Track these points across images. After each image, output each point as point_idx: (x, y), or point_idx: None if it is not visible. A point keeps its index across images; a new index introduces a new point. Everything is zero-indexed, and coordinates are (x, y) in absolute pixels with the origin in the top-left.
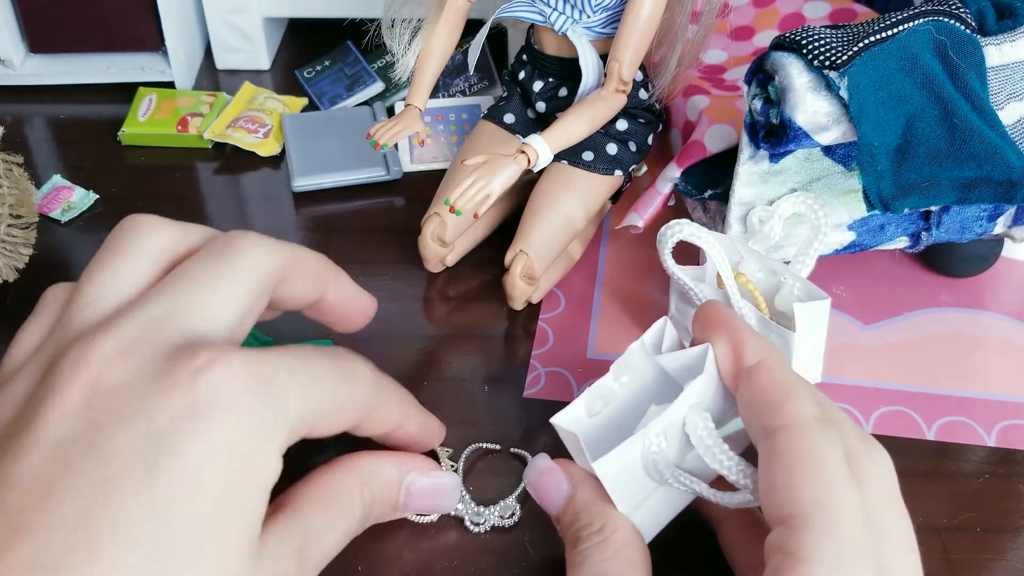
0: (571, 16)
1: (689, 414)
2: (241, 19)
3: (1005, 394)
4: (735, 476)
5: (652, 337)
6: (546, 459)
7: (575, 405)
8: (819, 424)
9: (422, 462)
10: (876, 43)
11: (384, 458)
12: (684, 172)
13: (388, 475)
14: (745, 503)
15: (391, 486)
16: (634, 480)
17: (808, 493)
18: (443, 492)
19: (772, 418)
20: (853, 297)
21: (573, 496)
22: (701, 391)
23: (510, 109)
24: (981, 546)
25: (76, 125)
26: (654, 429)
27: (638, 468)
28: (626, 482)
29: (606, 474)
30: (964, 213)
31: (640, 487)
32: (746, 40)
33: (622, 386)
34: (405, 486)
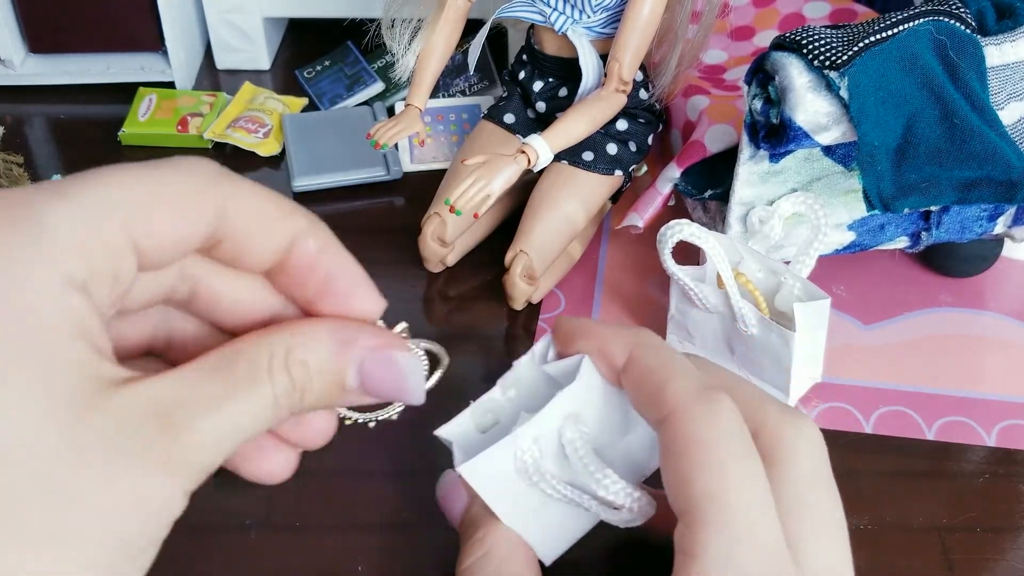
0: (571, 16)
1: (565, 425)
2: (241, 19)
3: (1005, 394)
4: (612, 494)
5: (541, 349)
6: (451, 475)
7: (461, 417)
8: (700, 399)
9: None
10: (876, 43)
11: (319, 322)
12: (684, 172)
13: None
14: (627, 522)
15: (330, 357)
16: (515, 490)
17: (697, 486)
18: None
19: (656, 409)
20: (853, 297)
21: (468, 507)
22: (576, 398)
23: (510, 109)
24: (981, 546)
25: (76, 125)
26: (523, 435)
27: (514, 477)
28: (505, 492)
29: (475, 480)
30: (964, 213)
31: (524, 498)
32: (746, 40)
33: (510, 400)
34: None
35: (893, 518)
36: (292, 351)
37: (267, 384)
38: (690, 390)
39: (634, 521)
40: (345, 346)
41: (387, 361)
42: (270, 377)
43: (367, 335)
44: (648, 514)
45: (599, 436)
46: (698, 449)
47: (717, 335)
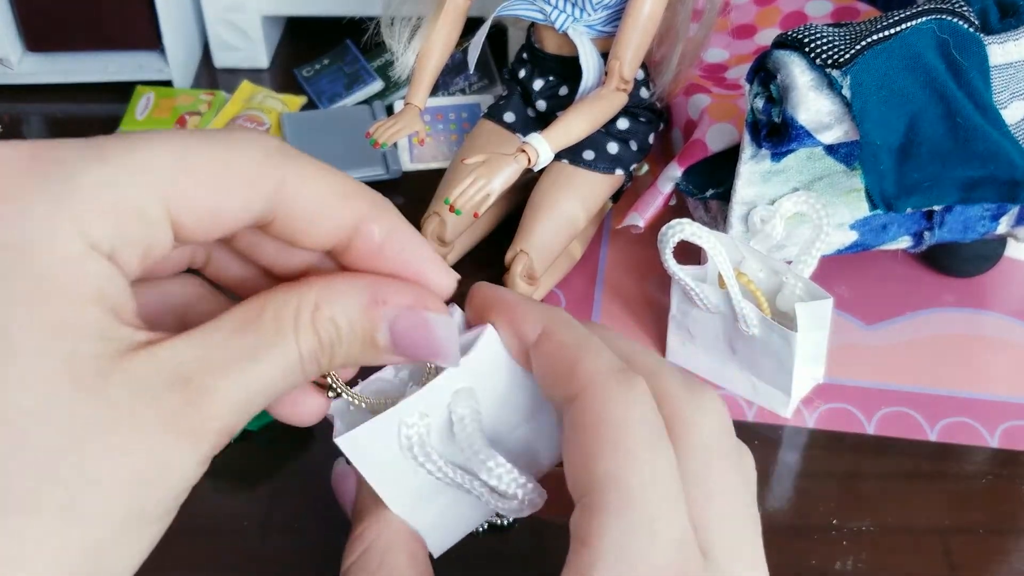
0: (572, 14)
1: (456, 400)
2: (239, 17)
3: (1008, 395)
4: (496, 478)
5: None
6: (342, 463)
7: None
8: (616, 379)
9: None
10: (879, 41)
11: (352, 277)
12: (685, 171)
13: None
14: (515, 512)
15: (361, 315)
16: (400, 471)
17: (601, 467)
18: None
19: (566, 387)
20: (855, 297)
21: (356, 497)
22: (472, 372)
23: (510, 108)
24: (984, 548)
25: (74, 124)
26: (409, 408)
27: (400, 458)
28: (389, 472)
29: (355, 456)
30: (967, 213)
31: (411, 481)
32: (748, 38)
33: (403, 381)
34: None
35: (895, 520)
36: (320, 307)
37: (293, 344)
38: (604, 369)
39: (522, 511)
40: (376, 303)
41: (420, 320)
42: (296, 336)
43: (402, 292)
44: (537, 505)
45: (496, 417)
46: (605, 430)
47: (718, 335)
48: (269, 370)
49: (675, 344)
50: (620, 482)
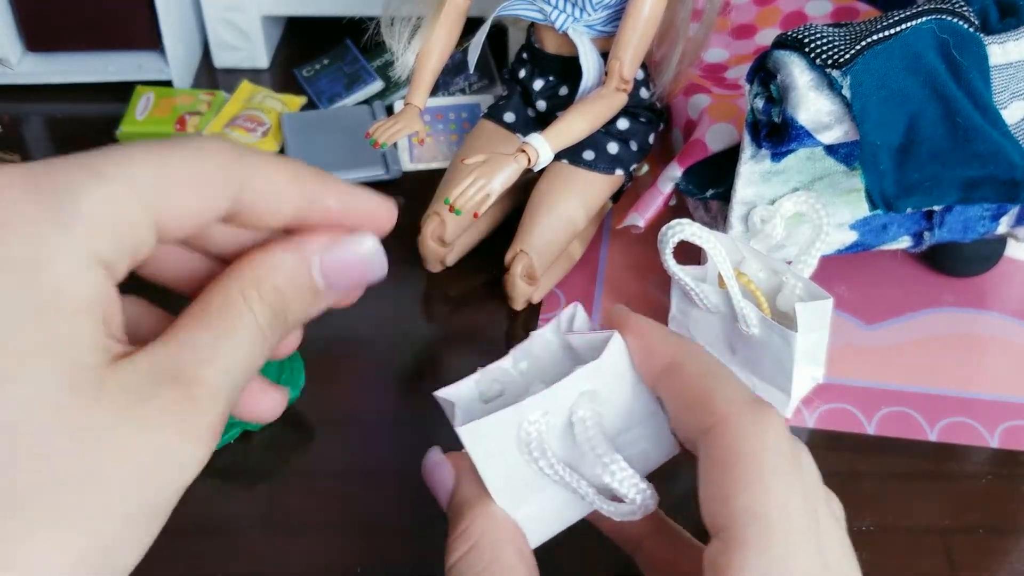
0: (572, 14)
1: (579, 401)
2: (239, 17)
3: (1008, 395)
4: (618, 482)
5: (567, 316)
6: (436, 452)
7: (465, 382)
8: (750, 412)
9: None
10: (879, 41)
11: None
12: (685, 171)
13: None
14: (626, 515)
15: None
16: (512, 466)
17: (739, 502)
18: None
19: (702, 416)
20: (855, 297)
21: (454, 490)
22: (597, 376)
23: (510, 108)
24: (984, 547)
25: (73, 124)
26: (533, 405)
27: (514, 451)
28: (501, 464)
29: (473, 446)
30: (967, 213)
31: (522, 476)
32: (748, 38)
33: (521, 373)
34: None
35: (895, 519)
36: (261, 283)
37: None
38: (738, 401)
39: (634, 515)
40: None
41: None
42: (251, 309)
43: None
44: (650, 509)
45: (612, 418)
46: (742, 464)
47: (718, 335)
48: (240, 348)
49: None
50: (759, 518)
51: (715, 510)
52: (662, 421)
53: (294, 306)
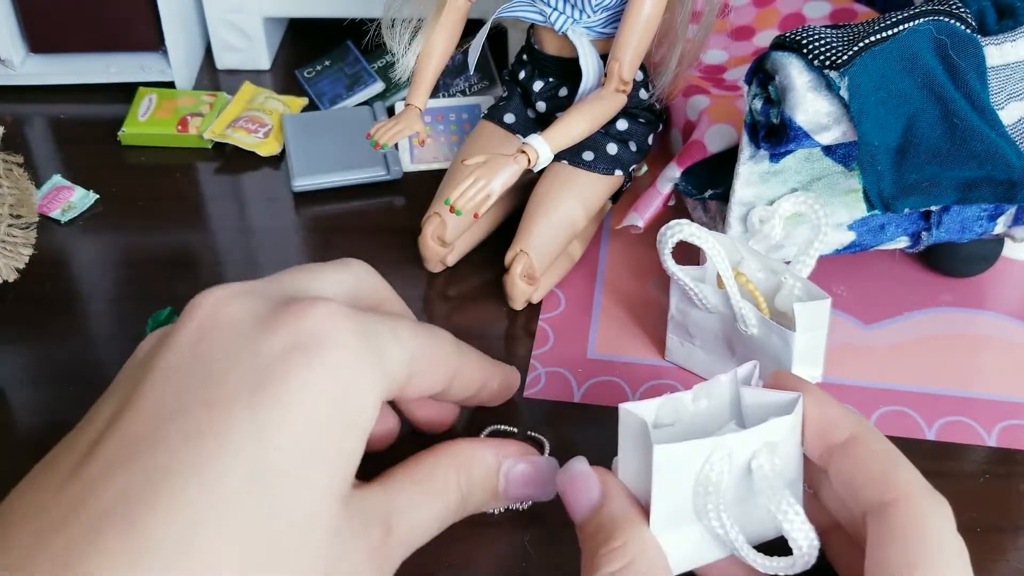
0: (571, 16)
1: (762, 451)
2: (241, 19)
3: (1005, 394)
4: (796, 529)
5: (745, 372)
6: (583, 463)
7: (648, 403)
8: (931, 496)
9: (518, 447)
10: (876, 43)
11: (482, 444)
12: (684, 172)
13: (487, 461)
14: (786, 568)
15: (490, 472)
16: (679, 497)
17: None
18: (542, 477)
19: (882, 492)
20: (853, 297)
21: (602, 506)
22: (783, 432)
23: (510, 109)
24: (982, 546)
25: (76, 125)
26: (727, 442)
27: (689, 483)
28: (672, 492)
29: (660, 467)
30: (964, 213)
31: (679, 508)
32: (746, 40)
33: (698, 411)
34: (503, 473)
35: None
36: (461, 473)
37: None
38: (921, 483)
39: (791, 570)
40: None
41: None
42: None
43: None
44: (809, 564)
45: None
46: (927, 543)
47: (717, 335)
48: (434, 514)
49: (674, 344)
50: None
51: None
52: (801, 490)
53: (476, 497)
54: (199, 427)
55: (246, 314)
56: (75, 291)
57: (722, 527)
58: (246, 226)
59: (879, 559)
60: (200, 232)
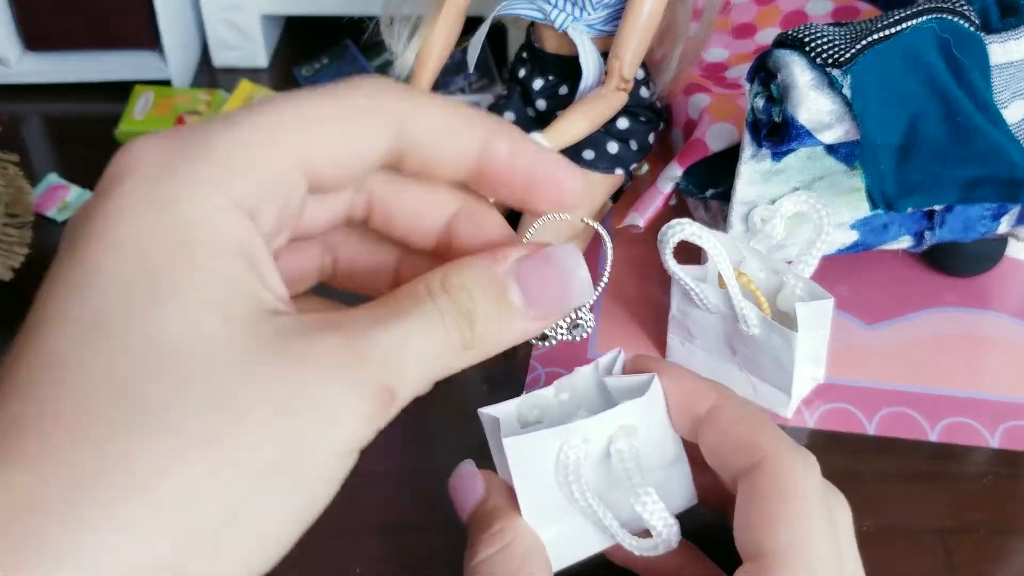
0: (572, 13)
1: (618, 434)
2: (238, 16)
3: (1009, 395)
4: (649, 513)
5: (607, 361)
6: (470, 464)
7: (507, 404)
8: (797, 453)
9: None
10: (879, 41)
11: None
12: (685, 171)
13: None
14: (647, 550)
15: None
16: (545, 487)
17: (783, 534)
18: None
19: (747, 455)
20: (856, 297)
21: (484, 501)
22: (638, 414)
23: (510, 107)
24: (985, 548)
25: (72, 124)
26: (577, 429)
27: (550, 474)
28: (535, 485)
29: (515, 459)
30: (968, 212)
31: (550, 499)
32: (748, 38)
33: (561, 404)
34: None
35: (896, 520)
36: (448, 276)
37: (430, 303)
38: (784, 442)
39: (656, 549)
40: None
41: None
42: (432, 298)
43: (515, 249)
44: (672, 546)
45: (644, 460)
46: (788, 501)
47: (718, 335)
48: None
49: (675, 344)
50: (801, 548)
51: (756, 537)
52: (685, 470)
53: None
54: None
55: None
56: None
57: (592, 512)
58: None
59: (744, 520)
60: None
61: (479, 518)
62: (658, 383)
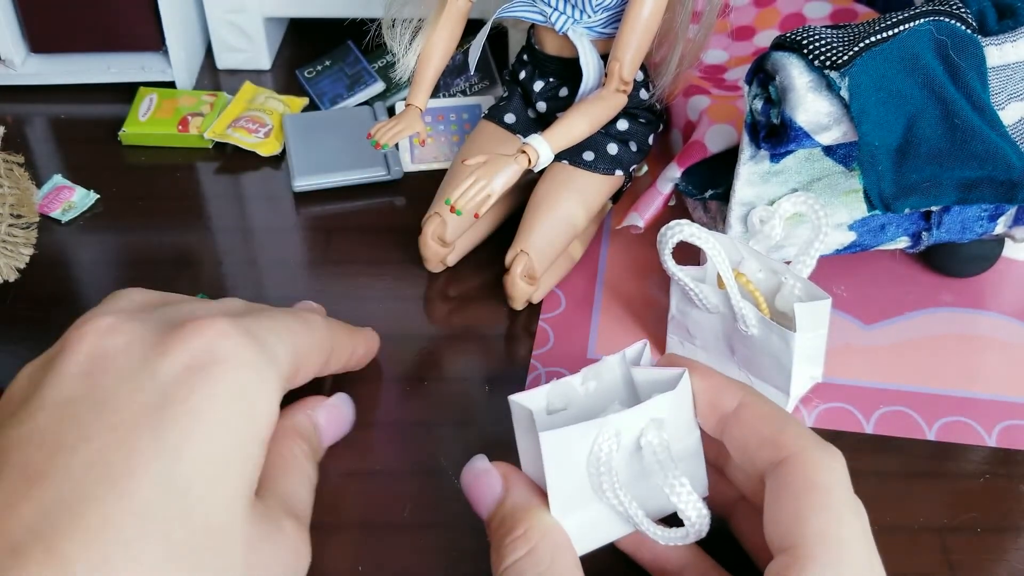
0: (572, 16)
1: (649, 427)
2: (242, 19)
3: (1006, 394)
4: (684, 502)
5: (633, 352)
6: (483, 460)
7: (537, 391)
8: (824, 448)
9: (315, 398)
10: (877, 43)
11: (293, 411)
12: (685, 172)
13: (303, 421)
14: (680, 539)
15: (310, 430)
16: (574, 478)
17: (813, 525)
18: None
19: (774, 451)
20: (854, 297)
21: (504, 498)
22: (668, 408)
23: (511, 109)
24: (981, 546)
25: (77, 125)
26: (611, 423)
27: (582, 465)
28: (566, 476)
29: (549, 453)
30: (965, 213)
31: (578, 490)
32: (747, 40)
33: (588, 393)
34: (316, 425)
35: (893, 518)
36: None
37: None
38: (810, 438)
39: (686, 538)
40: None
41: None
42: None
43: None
44: (702, 534)
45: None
46: (817, 493)
47: (718, 335)
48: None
49: (674, 344)
50: (832, 539)
51: (786, 530)
52: (702, 463)
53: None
54: (104, 454)
55: (136, 340)
56: (75, 291)
57: (620, 503)
58: (246, 226)
59: (773, 514)
60: (200, 232)
61: (501, 518)
62: (687, 378)
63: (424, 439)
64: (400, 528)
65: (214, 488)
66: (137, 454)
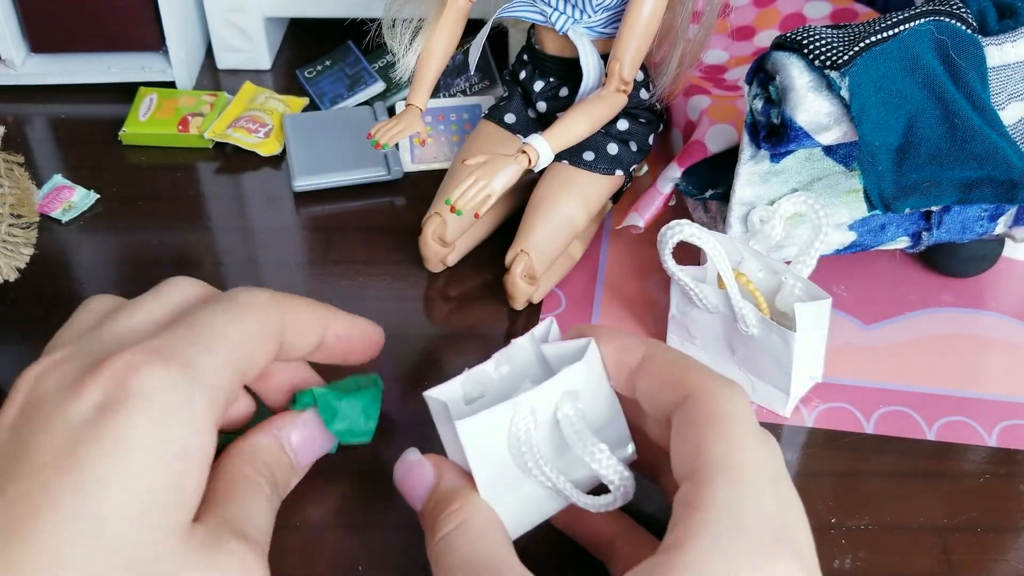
0: (572, 16)
1: (563, 400)
2: (242, 19)
3: (1006, 394)
4: (604, 468)
5: (541, 330)
6: (415, 452)
7: (451, 383)
8: (725, 383)
9: (288, 417)
10: (877, 43)
11: (256, 431)
12: (685, 172)
13: (267, 444)
14: (605, 506)
15: (276, 452)
16: (498, 462)
17: (714, 452)
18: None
19: (678, 391)
20: (854, 297)
21: (436, 484)
22: (579, 378)
23: (511, 109)
24: (982, 546)
25: (77, 125)
26: (523, 402)
27: (503, 447)
28: (489, 461)
29: (469, 440)
30: (965, 213)
31: (504, 472)
32: (747, 40)
33: (502, 377)
34: (287, 447)
35: (893, 518)
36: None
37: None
38: (712, 375)
39: (614, 503)
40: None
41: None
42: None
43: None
44: (629, 496)
45: (589, 421)
46: (718, 422)
47: (718, 335)
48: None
49: (675, 344)
50: (732, 462)
51: (688, 460)
52: (624, 426)
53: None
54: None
55: (58, 384)
56: (76, 291)
57: (547, 479)
58: (246, 226)
59: (678, 450)
60: (200, 232)
61: (435, 502)
62: (594, 345)
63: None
64: (399, 528)
65: (137, 522)
66: (43, 497)
